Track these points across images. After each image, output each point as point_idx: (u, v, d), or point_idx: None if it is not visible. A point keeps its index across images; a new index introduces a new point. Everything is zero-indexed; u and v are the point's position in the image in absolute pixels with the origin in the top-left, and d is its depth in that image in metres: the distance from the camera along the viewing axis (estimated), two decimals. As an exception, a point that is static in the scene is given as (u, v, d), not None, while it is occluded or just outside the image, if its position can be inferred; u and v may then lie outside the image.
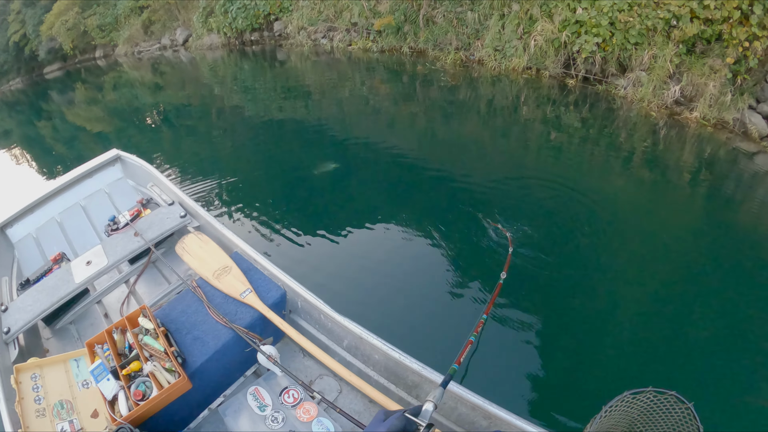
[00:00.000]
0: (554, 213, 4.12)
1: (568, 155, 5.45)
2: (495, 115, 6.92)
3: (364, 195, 4.79)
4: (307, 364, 2.02)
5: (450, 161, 5.29)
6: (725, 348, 2.72)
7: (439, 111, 7.11)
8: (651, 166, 5.05)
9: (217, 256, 2.18)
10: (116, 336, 1.86)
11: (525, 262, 3.40)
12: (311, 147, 6.08)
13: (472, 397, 1.49)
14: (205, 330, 1.86)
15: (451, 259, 3.60)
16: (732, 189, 4.65)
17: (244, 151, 6.52)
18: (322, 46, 11.10)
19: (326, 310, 1.92)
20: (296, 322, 2.16)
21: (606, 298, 3.16)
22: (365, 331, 1.80)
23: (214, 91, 9.98)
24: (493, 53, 8.10)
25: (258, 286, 2.03)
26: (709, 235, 3.91)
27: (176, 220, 2.54)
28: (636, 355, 2.72)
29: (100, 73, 13.96)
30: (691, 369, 2.60)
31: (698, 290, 3.23)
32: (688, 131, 5.62)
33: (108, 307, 2.54)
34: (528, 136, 6.09)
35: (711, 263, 3.49)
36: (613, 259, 3.55)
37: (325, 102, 8.10)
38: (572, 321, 2.98)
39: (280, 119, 7.40)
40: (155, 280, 2.62)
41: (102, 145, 7.86)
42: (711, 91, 5.48)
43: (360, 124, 6.97)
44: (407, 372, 1.71)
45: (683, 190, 4.69)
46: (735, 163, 5.06)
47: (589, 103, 6.60)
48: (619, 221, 4.05)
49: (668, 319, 2.95)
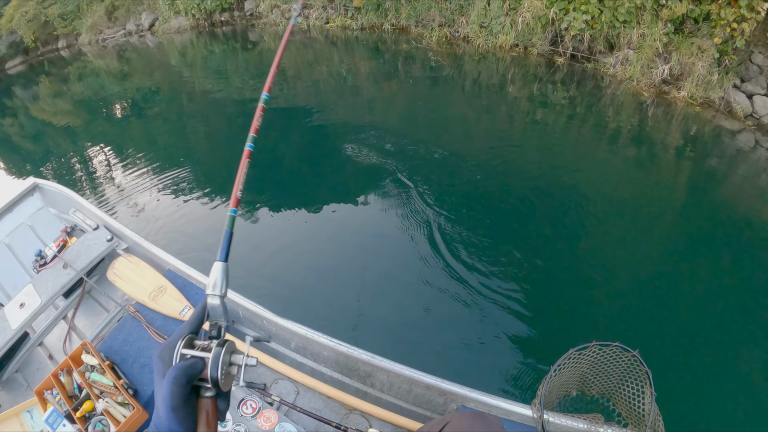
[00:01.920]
0: (540, 189, 4.50)
1: (556, 132, 5.81)
2: (483, 94, 7.20)
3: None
4: (260, 372, 2.12)
5: (435, 142, 5.57)
6: (693, 311, 3.20)
7: (429, 91, 7.35)
8: (638, 144, 5.45)
9: (150, 276, 2.28)
10: (63, 378, 1.89)
11: (504, 238, 3.77)
12: (294, 134, 6.29)
13: (423, 377, 1.67)
14: (150, 355, 1.93)
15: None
16: (715, 165, 5.10)
17: (212, 139, 6.75)
18: (298, 24, 11.13)
19: (268, 315, 2.05)
20: (241, 331, 2.26)
21: (583, 267, 3.60)
22: (310, 331, 1.93)
23: (183, 76, 10.02)
24: (479, 30, 8.30)
25: (196, 301, 2.15)
26: (692, 208, 4.39)
27: (103, 244, 2.57)
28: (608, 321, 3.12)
29: (64, 64, 13.80)
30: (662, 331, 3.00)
31: (675, 259, 3.71)
32: (675, 110, 6.02)
33: (50, 347, 2.54)
34: (520, 114, 6.42)
35: (690, 234, 3.99)
36: (596, 232, 3.98)
37: (301, 85, 8.24)
38: (544, 290, 3.38)
39: (252, 102, 7.55)
40: (93, 311, 2.62)
41: (70, 139, 7.93)
42: (699, 71, 5.85)
43: (343, 108, 7.14)
44: (358, 363, 1.86)
45: (669, 166, 5.10)
46: (719, 140, 5.49)
47: (578, 80, 6.93)
48: (605, 196, 4.48)
49: (649, 286, 3.40)
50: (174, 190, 5.13)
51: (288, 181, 5.13)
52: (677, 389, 2.65)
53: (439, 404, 1.73)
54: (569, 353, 1.48)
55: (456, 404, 1.68)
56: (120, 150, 6.76)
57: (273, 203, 4.62)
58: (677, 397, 2.60)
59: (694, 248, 3.83)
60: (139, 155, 6.31)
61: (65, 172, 6.51)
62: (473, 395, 1.60)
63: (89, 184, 5.81)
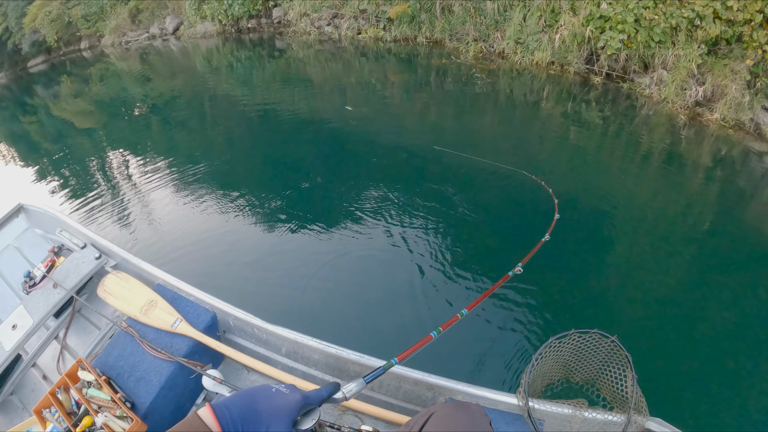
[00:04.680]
0: (573, 207, 4.89)
1: (590, 149, 6.23)
2: (518, 110, 7.63)
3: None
4: (253, 379, 2.31)
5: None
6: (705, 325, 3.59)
7: (474, 110, 7.81)
8: (671, 165, 5.81)
9: (141, 291, 2.45)
10: (61, 396, 2.03)
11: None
12: (311, 144, 6.82)
13: (411, 373, 1.86)
14: (146, 368, 2.10)
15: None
16: (743, 186, 5.52)
17: (228, 146, 7.27)
18: (327, 34, 11.84)
19: (258, 323, 2.26)
20: (232, 340, 2.46)
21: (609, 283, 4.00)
22: (300, 335, 2.11)
23: (207, 82, 10.76)
24: (515, 46, 8.82)
25: (187, 314, 2.29)
26: (719, 230, 4.77)
27: (92, 263, 2.75)
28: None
29: (86, 65, 14.90)
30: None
31: (697, 278, 4.09)
32: (707, 132, 6.40)
33: (44, 367, 2.68)
34: (552, 132, 6.81)
35: (716, 255, 4.38)
36: (623, 249, 4.34)
37: (334, 96, 8.81)
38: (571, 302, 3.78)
39: (276, 112, 8.15)
40: (85, 329, 2.81)
41: (90, 139, 8.64)
42: (732, 93, 6.21)
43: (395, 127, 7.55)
44: (348, 364, 2.03)
45: (697, 186, 5.52)
46: (748, 162, 5.88)
47: (613, 99, 7.32)
48: (635, 215, 4.88)
49: (673, 303, 3.77)
50: (170, 201, 5.61)
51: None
52: (658, 371, 3.08)
53: (428, 398, 1.95)
54: (549, 342, 1.72)
55: (444, 397, 1.89)
56: (127, 156, 7.37)
57: (279, 213, 5.08)
58: (658, 378, 3.01)
59: (707, 262, 4.28)
60: (144, 163, 6.86)
61: (59, 180, 7.04)
62: (460, 387, 1.80)
63: (84, 197, 6.23)
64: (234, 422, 0.73)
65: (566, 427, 1.70)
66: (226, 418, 0.73)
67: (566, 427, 1.70)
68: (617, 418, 1.66)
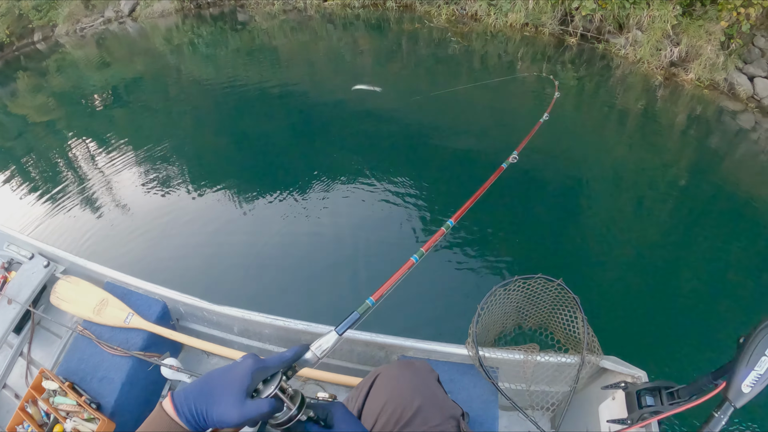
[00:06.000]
0: (547, 166, 5.02)
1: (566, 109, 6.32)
2: (492, 72, 7.63)
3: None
4: (214, 362, 2.39)
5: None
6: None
7: (449, 74, 7.77)
8: (647, 124, 6.01)
9: (92, 292, 2.50)
10: (30, 409, 2.11)
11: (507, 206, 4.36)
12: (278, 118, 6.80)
13: (360, 336, 1.91)
14: (107, 368, 2.17)
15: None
16: (717, 144, 5.82)
17: (188, 127, 7.22)
18: (292, 3, 11.63)
19: (205, 306, 2.31)
20: (187, 327, 2.52)
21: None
22: (247, 312, 2.16)
23: (169, 63, 10.53)
24: (488, 8, 8.77)
25: (138, 307, 2.35)
26: (694, 186, 4.98)
27: (42, 272, 2.75)
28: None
29: (41, 57, 14.42)
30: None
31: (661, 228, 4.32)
32: (683, 91, 6.63)
33: (14, 386, 2.69)
34: (528, 93, 6.90)
35: (690, 210, 4.61)
36: (598, 205, 4.52)
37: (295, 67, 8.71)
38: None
39: (240, 88, 8.05)
40: (47, 340, 2.82)
41: (47, 136, 8.38)
42: (707, 53, 6.44)
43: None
44: (297, 334, 2.10)
45: (672, 144, 5.75)
46: (722, 121, 6.20)
47: (588, 60, 7.42)
48: (610, 173, 5.06)
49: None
50: (125, 192, 5.51)
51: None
52: (627, 318, 3.30)
53: (381, 358, 2.01)
54: (493, 290, 1.74)
55: (396, 355, 1.94)
56: (83, 149, 7.14)
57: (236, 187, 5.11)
58: (628, 325, 3.23)
59: (681, 216, 4.51)
60: (101, 154, 6.66)
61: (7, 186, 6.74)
62: (410, 344, 1.85)
63: (36, 200, 5.96)
64: (189, 406, 0.73)
65: (520, 372, 1.74)
66: (181, 403, 0.73)
67: (520, 372, 1.74)
68: (571, 359, 1.71)
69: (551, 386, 1.78)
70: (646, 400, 1.46)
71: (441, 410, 1.19)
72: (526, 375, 1.72)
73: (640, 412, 1.45)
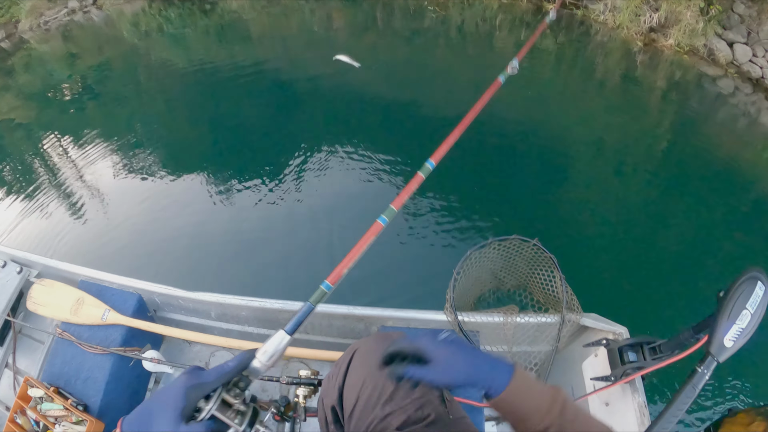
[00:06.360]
0: (527, 133, 4.99)
1: (544, 77, 6.22)
2: (469, 43, 7.51)
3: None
4: (197, 350, 2.38)
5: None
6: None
7: (427, 44, 7.66)
8: (627, 89, 6.05)
9: (67, 293, 2.45)
10: (20, 420, 2.07)
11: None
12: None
13: (337, 309, 1.90)
14: (89, 368, 2.14)
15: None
16: (697, 109, 5.91)
17: (161, 114, 7.08)
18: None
19: (180, 293, 2.28)
20: (166, 317, 2.54)
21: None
22: (221, 296, 2.15)
23: (138, 49, 10.25)
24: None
25: (113, 303, 2.35)
26: (674, 150, 5.03)
27: (16, 279, 2.73)
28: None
29: (5, 56, 13.96)
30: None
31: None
32: (663, 57, 6.66)
33: (4, 399, 2.69)
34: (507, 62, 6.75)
35: (669, 173, 4.63)
36: (578, 169, 4.51)
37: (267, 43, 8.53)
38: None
39: (213, 70, 7.86)
40: (31, 348, 2.82)
41: (24, 135, 8.26)
42: (687, 19, 6.42)
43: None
44: (275, 314, 2.09)
45: (652, 109, 5.79)
46: (702, 86, 6.30)
47: (567, 27, 7.39)
48: (591, 138, 5.05)
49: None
50: (96, 185, 5.38)
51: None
52: (587, 271, 3.34)
53: (361, 330, 1.99)
54: (468, 254, 1.72)
55: (376, 326, 1.93)
56: (53, 147, 6.87)
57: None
58: (587, 276, 3.27)
59: (661, 179, 4.55)
60: (72, 149, 6.45)
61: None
62: (388, 314, 1.83)
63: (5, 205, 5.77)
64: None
65: (501, 335, 1.72)
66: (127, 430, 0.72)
67: (501, 335, 1.72)
68: (551, 318, 1.70)
69: (533, 346, 1.77)
70: (628, 356, 1.46)
71: None
72: (507, 337, 1.71)
73: (623, 368, 1.45)
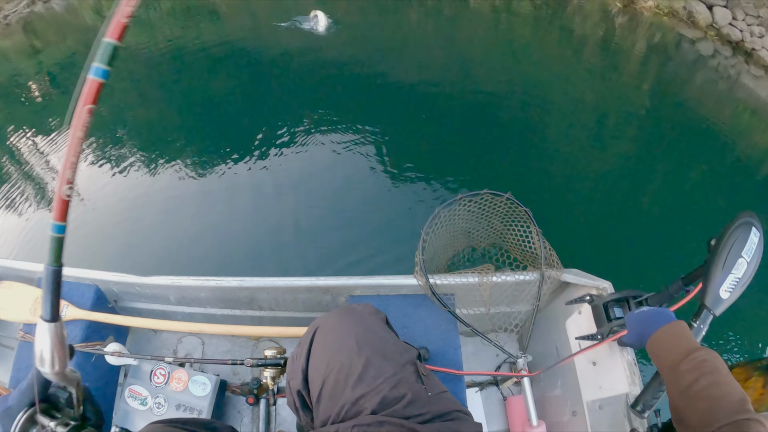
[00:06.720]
0: (506, 97, 4.89)
1: (523, 40, 6.10)
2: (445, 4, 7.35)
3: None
4: (164, 337, 2.29)
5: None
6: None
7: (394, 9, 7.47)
8: (607, 51, 6.04)
9: (25, 293, 2.38)
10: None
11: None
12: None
13: (299, 282, 1.80)
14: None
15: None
16: (677, 71, 5.95)
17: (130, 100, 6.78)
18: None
19: (134, 280, 2.16)
20: (127, 307, 2.41)
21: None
22: (176, 278, 2.06)
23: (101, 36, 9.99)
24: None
25: (71, 297, 2.25)
26: (654, 108, 5.07)
27: None
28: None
29: None
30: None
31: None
32: (642, 19, 6.68)
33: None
34: (484, 24, 6.66)
35: (650, 133, 4.62)
36: (559, 131, 4.48)
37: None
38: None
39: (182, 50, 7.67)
40: (2, 355, 2.75)
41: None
42: None
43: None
44: (234, 292, 1.97)
45: (635, 71, 5.77)
46: (681, 48, 6.36)
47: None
48: (571, 100, 4.98)
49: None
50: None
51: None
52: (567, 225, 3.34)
53: (329, 302, 1.89)
54: (437, 212, 1.60)
55: (344, 297, 1.82)
56: (18, 145, 6.60)
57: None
58: (567, 231, 3.25)
59: (641, 139, 4.57)
60: (40, 144, 6.21)
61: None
62: (354, 282, 1.72)
63: None
64: None
65: (477, 296, 1.62)
66: None
67: (477, 296, 1.62)
68: (530, 276, 1.60)
69: (512, 306, 1.69)
70: (614, 312, 1.38)
71: (393, 358, 1.06)
72: (485, 298, 1.61)
73: (609, 325, 1.37)
